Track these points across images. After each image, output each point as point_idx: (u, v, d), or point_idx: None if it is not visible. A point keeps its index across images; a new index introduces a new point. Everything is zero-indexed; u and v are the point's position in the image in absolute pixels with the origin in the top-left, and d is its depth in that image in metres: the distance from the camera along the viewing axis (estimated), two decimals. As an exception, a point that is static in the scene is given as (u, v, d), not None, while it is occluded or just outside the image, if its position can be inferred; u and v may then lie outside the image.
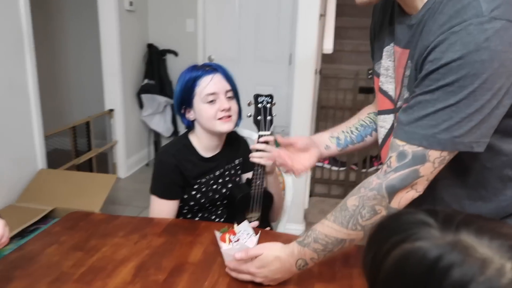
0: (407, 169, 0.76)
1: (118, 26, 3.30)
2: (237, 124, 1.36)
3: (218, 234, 1.06)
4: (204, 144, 1.36)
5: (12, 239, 2.02)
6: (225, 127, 1.29)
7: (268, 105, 1.25)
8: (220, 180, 1.40)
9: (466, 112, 0.68)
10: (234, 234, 1.05)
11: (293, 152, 1.10)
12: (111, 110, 3.44)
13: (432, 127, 0.71)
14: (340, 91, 2.81)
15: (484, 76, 0.65)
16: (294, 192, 1.65)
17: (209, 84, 1.27)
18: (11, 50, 2.38)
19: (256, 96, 1.25)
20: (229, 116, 1.29)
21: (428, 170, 0.75)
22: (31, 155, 2.57)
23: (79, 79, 4.15)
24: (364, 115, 1.12)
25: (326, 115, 2.94)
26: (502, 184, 0.80)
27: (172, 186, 1.32)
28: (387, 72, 0.91)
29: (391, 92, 0.91)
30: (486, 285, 0.38)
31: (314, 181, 2.86)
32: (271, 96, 1.26)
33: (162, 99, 3.70)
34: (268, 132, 1.24)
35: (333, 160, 2.87)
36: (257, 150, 1.24)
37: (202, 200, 1.37)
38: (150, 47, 3.77)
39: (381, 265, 0.44)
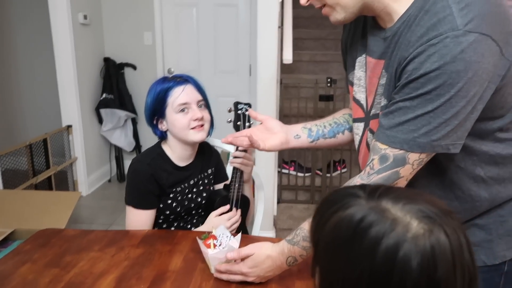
0: (389, 171, 0.81)
1: (72, 40, 3.23)
2: (209, 133, 1.39)
3: (200, 241, 1.07)
4: (177, 154, 1.38)
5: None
6: (198, 136, 1.32)
7: (247, 113, 1.29)
8: (194, 189, 1.41)
9: (443, 118, 0.74)
10: (216, 238, 1.07)
11: (260, 129, 1.11)
12: (69, 126, 3.33)
13: (412, 131, 0.77)
14: (301, 99, 2.90)
15: (460, 85, 0.71)
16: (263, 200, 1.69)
17: (181, 95, 1.30)
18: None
19: (236, 103, 1.31)
20: (202, 125, 1.32)
21: (408, 171, 0.81)
22: (-15, 176, 2.44)
23: (33, 95, 4.00)
24: (340, 114, 1.16)
25: (289, 123, 3.01)
26: (476, 185, 0.86)
27: (148, 195, 1.32)
28: (360, 82, 0.96)
29: (363, 101, 0.96)
30: (395, 239, 0.46)
31: (281, 188, 2.92)
32: (249, 105, 1.32)
33: (122, 113, 3.64)
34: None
35: (299, 166, 2.94)
36: (237, 157, 1.32)
37: (178, 209, 1.37)
38: (107, 60, 3.71)
39: (322, 231, 0.52)
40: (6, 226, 2.22)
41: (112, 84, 3.66)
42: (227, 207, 1.35)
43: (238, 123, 1.28)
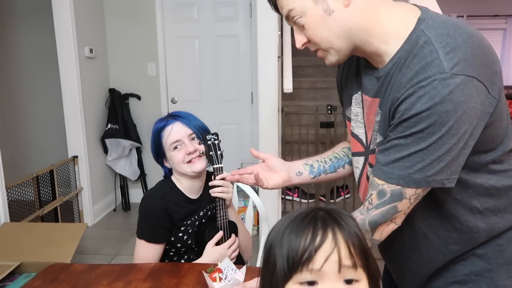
0: (387, 205, 0.84)
1: (78, 72, 3.32)
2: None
3: (206, 274, 1.09)
4: (186, 187, 1.42)
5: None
6: (196, 167, 1.36)
7: (216, 142, 1.36)
8: (203, 220, 1.45)
9: (436, 155, 0.78)
10: (221, 271, 1.10)
11: (263, 167, 1.14)
12: (75, 157, 3.39)
13: (407, 168, 0.80)
14: (303, 126, 2.95)
15: (450, 123, 0.75)
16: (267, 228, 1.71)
17: (170, 134, 1.36)
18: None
19: (204, 136, 1.36)
20: (200, 156, 1.37)
21: (405, 206, 0.84)
22: (-7, 209, 2.47)
23: (40, 127, 4.08)
24: (339, 148, 1.19)
25: (291, 150, 3.06)
26: (473, 216, 0.89)
27: (161, 229, 1.36)
28: (357, 118, 1.00)
29: (362, 136, 1.00)
30: None
31: (285, 214, 2.93)
32: (216, 134, 1.38)
33: (127, 143, 3.70)
34: (221, 165, 1.35)
35: (302, 193, 2.96)
36: (216, 186, 1.35)
37: (189, 242, 1.40)
38: (112, 92, 3.80)
39: None
40: (13, 259, 2.24)
41: (117, 114, 3.73)
42: (221, 233, 1.38)
43: (211, 153, 1.34)
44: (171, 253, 1.41)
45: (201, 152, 1.36)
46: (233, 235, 1.42)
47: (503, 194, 0.89)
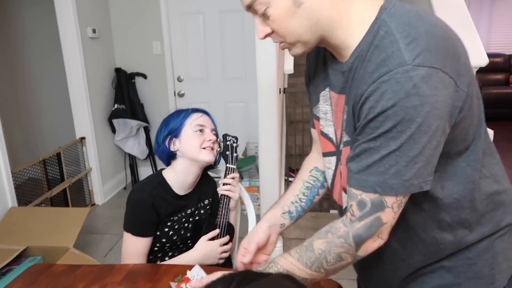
0: (370, 217, 0.77)
1: (81, 54, 3.31)
2: (216, 162, 1.46)
3: (173, 284, 1.09)
4: (180, 181, 1.41)
5: (-16, 285, 2.01)
6: (208, 157, 1.38)
7: (234, 144, 1.44)
8: (190, 219, 1.45)
9: (410, 156, 0.71)
10: (189, 281, 1.09)
11: (258, 252, 1.08)
12: (83, 138, 3.43)
13: (382, 173, 0.74)
14: (306, 106, 2.86)
15: (419, 120, 0.68)
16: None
17: (200, 118, 1.41)
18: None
19: (225, 136, 1.46)
20: (213, 149, 1.40)
21: (390, 216, 0.77)
22: None
23: (47, 110, 4.15)
24: (307, 174, 1.12)
25: (296, 129, 3.00)
26: (440, 229, 0.83)
27: (148, 224, 1.37)
28: (326, 116, 0.93)
29: (332, 135, 0.94)
30: None
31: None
32: (236, 138, 1.46)
33: (134, 123, 3.71)
34: (234, 166, 1.43)
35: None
36: (226, 184, 1.43)
37: (174, 238, 1.41)
38: (118, 71, 3.79)
39: None
40: (19, 243, 2.32)
41: (124, 94, 3.73)
42: (217, 231, 1.39)
43: (227, 152, 1.42)
44: (156, 248, 1.42)
45: (217, 149, 1.41)
46: (227, 237, 1.41)
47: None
